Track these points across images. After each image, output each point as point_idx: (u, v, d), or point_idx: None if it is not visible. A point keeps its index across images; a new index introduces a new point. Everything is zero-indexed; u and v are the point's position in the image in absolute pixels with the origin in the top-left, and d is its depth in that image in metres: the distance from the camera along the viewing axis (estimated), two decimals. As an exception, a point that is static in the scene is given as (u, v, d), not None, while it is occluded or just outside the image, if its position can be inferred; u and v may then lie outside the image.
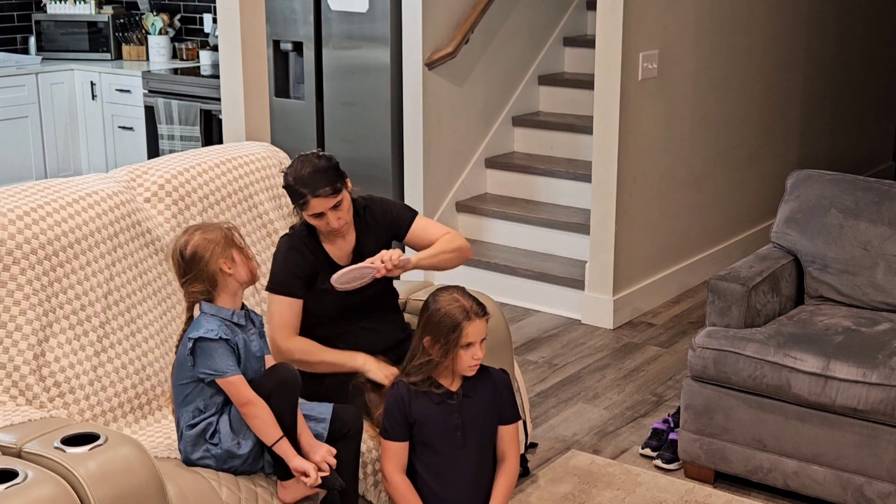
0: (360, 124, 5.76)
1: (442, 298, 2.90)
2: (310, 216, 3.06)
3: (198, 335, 2.67)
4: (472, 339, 2.87)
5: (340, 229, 3.09)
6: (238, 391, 2.67)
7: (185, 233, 2.78)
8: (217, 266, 2.71)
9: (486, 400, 2.97)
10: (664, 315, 5.24)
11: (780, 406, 3.41)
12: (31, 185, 3.04)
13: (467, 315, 2.86)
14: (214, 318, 2.71)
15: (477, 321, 2.87)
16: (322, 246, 3.16)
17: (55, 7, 7.30)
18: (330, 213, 3.05)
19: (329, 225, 3.06)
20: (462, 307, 2.87)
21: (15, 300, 2.78)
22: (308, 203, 3.02)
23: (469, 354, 2.88)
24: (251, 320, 2.82)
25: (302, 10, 5.82)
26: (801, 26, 6.24)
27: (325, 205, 3.03)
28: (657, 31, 5.01)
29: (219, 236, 2.74)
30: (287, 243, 3.16)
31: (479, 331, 2.88)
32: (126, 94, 6.83)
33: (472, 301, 2.90)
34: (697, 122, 5.44)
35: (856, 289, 3.77)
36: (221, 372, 2.65)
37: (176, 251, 2.75)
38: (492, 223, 5.66)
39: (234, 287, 2.75)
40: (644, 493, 3.56)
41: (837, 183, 3.92)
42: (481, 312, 2.89)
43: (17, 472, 2.27)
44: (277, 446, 2.68)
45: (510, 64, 5.95)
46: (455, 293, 2.92)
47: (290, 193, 3.07)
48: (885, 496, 3.28)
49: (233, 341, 2.70)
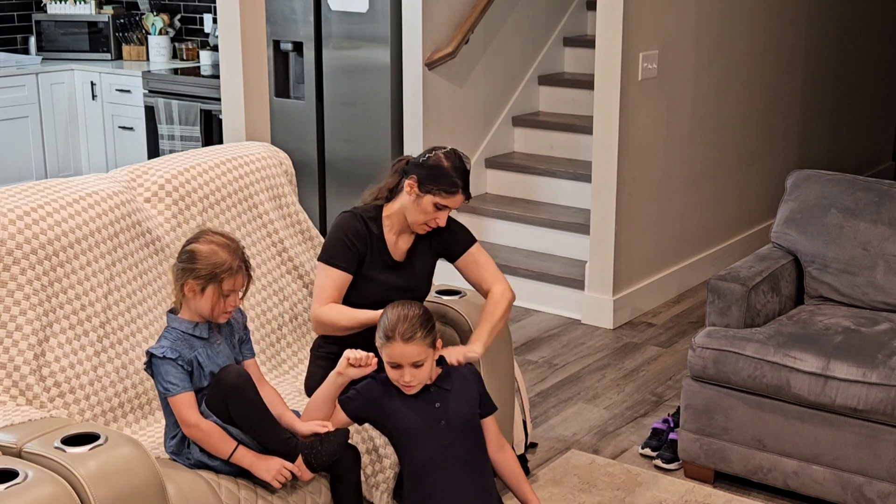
0: (360, 124, 5.76)
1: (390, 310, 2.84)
2: (436, 203, 3.08)
3: (149, 350, 2.67)
4: (395, 359, 2.80)
5: (431, 228, 3.15)
6: (180, 412, 2.65)
7: (208, 232, 2.76)
8: (185, 281, 2.68)
9: (463, 391, 2.95)
10: (664, 315, 5.24)
11: (780, 406, 3.42)
12: (31, 185, 3.04)
13: (391, 334, 2.79)
14: (174, 331, 2.70)
15: (399, 343, 2.78)
16: (383, 232, 3.17)
17: (55, 7, 7.30)
18: (447, 212, 3.12)
19: (436, 221, 3.12)
20: (391, 323, 2.80)
21: (15, 300, 2.78)
22: (455, 195, 3.08)
23: (397, 374, 2.83)
24: (230, 326, 2.79)
25: (302, 10, 5.82)
26: (801, 26, 6.25)
27: (457, 203, 3.11)
28: (657, 31, 5.01)
29: (212, 262, 2.67)
30: (351, 218, 3.17)
31: (402, 353, 2.79)
32: (126, 94, 6.83)
33: (405, 323, 2.79)
34: (697, 122, 5.44)
35: (856, 289, 3.77)
36: (166, 389, 2.65)
37: (188, 240, 2.76)
38: (492, 223, 5.66)
39: (193, 308, 2.72)
40: (644, 493, 3.56)
41: (837, 183, 3.92)
42: (408, 335, 2.78)
43: (17, 472, 2.27)
44: (235, 458, 2.66)
45: (510, 64, 5.96)
46: (405, 308, 2.84)
47: (439, 175, 3.07)
48: (885, 496, 3.28)
49: (186, 357, 2.66)
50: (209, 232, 2.77)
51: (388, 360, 2.83)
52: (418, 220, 3.13)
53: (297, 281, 3.56)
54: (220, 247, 2.70)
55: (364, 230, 3.15)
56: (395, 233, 3.19)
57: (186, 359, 2.67)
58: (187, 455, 2.71)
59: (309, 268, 3.58)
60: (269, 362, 3.40)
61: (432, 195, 3.08)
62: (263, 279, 3.46)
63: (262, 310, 3.42)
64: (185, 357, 2.67)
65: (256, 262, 3.45)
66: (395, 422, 2.90)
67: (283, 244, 3.55)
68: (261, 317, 3.41)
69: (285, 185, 3.64)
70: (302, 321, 3.54)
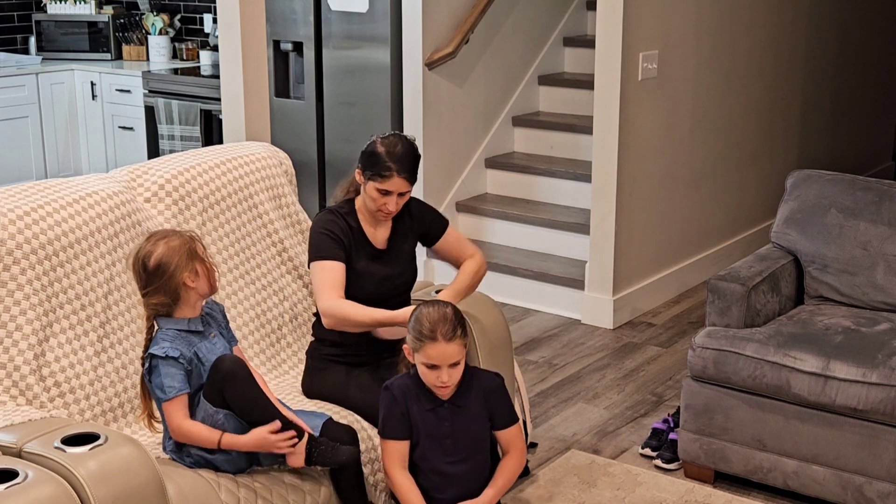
0: (360, 124, 5.76)
1: (425, 310, 2.86)
2: (378, 189, 3.10)
3: (150, 352, 2.68)
4: (435, 360, 2.81)
5: (390, 214, 3.15)
6: (170, 415, 2.67)
7: (147, 241, 2.74)
8: (181, 279, 2.69)
9: (476, 409, 2.94)
10: (664, 315, 5.24)
11: (780, 406, 3.42)
12: (31, 185, 3.04)
13: (432, 335, 2.80)
14: (170, 331, 2.71)
15: (442, 343, 2.79)
16: (361, 225, 3.20)
17: (55, 7, 7.30)
18: (396, 196, 3.11)
19: (387, 206, 3.12)
20: (431, 323, 2.81)
21: (15, 300, 2.78)
22: (390, 178, 3.08)
23: (433, 375, 2.83)
24: (212, 318, 2.81)
25: (302, 10, 5.82)
26: (801, 26, 6.25)
27: (401, 187, 3.10)
28: (657, 31, 5.01)
29: (182, 248, 2.70)
30: (327, 215, 3.20)
31: (443, 354, 2.80)
32: (126, 94, 6.83)
33: (446, 323, 2.81)
34: (697, 122, 5.44)
35: (855, 289, 3.77)
36: (164, 393, 2.66)
37: (138, 261, 2.71)
38: (492, 223, 5.66)
39: (194, 299, 2.74)
40: (644, 493, 3.56)
41: (837, 183, 3.92)
42: (450, 335, 2.80)
43: (17, 472, 2.27)
44: (223, 443, 2.68)
45: (510, 64, 5.95)
46: (441, 308, 2.85)
47: (373, 161, 3.10)
48: (885, 496, 3.28)
49: (186, 355, 2.68)
50: (142, 245, 2.74)
51: (427, 362, 2.82)
52: (371, 208, 3.16)
53: (297, 281, 3.56)
54: (159, 240, 2.71)
55: (343, 224, 3.18)
56: (371, 224, 3.22)
57: (187, 357, 2.68)
58: (188, 453, 2.71)
59: (309, 268, 3.58)
60: (269, 362, 3.40)
61: (372, 181, 3.11)
62: (263, 279, 3.46)
63: (262, 310, 3.42)
64: (185, 355, 2.68)
65: (256, 262, 3.45)
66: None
67: (283, 244, 3.55)
68: (261, 317, 3.41)
69: (285, 185, 3.65)
70: (302, 321, 3.54)
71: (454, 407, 2.91)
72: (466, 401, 2.92)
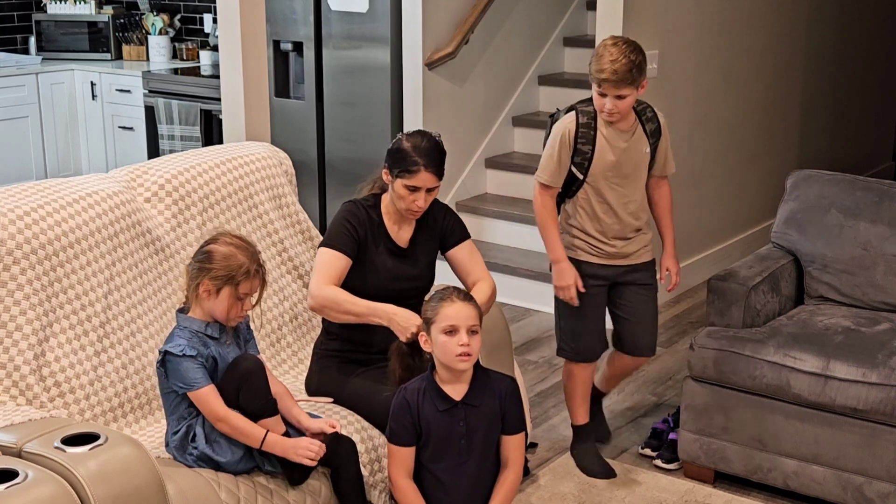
0: (360, 124, 5.76)
1: (435, 291, 2.93)
2: (406, 185, 3.09)
3: (165, 349, 2.67)
4: (454, 321, 2.80)
5: (418, 212, 3.14)
6: (207, 405, 2.65)
7: (231, 235, 2.75)
8: (200, 282, 2.68)
9: (490, 409, 2.94)
10: (664, 315, 5.24)
11: (779, 406, 3.42)
12: (31, 185, 3.04)
13: (448, 297, 2.83)
14: (186, 330, 2.70)
15: (458, 303, 2.82)
16: (383, 219, 3.19)
17: (55, 7, 7.30)
18: (424, 192, 3.10)
19: (415, 203, 3.10)
20: (444, 290, 2.87)
21: (15, 300, 2.78)
22: (417, 173, 3.07)
23: (454, 341, 2.81)
24: (236, 333, 2.79)
25: (302, 10, 5.82)
26: (801, 26, 6.24)
27: (428, 182, 3.09)
28: (657, 31, 5.01)
29: (230, 262, 2.67)
30: (351, 205, 3.19)
31: (461, 314, 2.81)
32: (126, 94, 6.83)
33: (458, 291, 2.88)
34: (697, 122, 5.44)
35: (855, 289, 3.77)
36: (189, 385, 2.65)
37: (207, 239, 2.75)
38: (492, 223, 5.66)
39: (206, 310, 2.72)
40: (644, 493, 3.56)
41: (837, 183, 3.92)
42: (464, 297, 2.85)
43: (17, 472, 2.27)
44: (266, 445, 2.67)
45: (510, 64, 5.95)
46: (445, 286, 2.94)
47: (400, 158, 3.09)
48: (885, 496, 3.28)
49: (202, 355, 2.67)
50: (227, 234, 2.78)
51: (446, 324, 2.81)
52: (401, 207, 3.15)
53: (297, 281, 3.56)
54: (238, 249, 2.71)
55: (364, 216, 3.17)
56: (395, 222, 3.21)
57: (205, 355, 2.68)
58: (191, 450, 2.70)
59: (309, 268, 3.58)
60: (269, 362, 3.39)
61: (400, 178, 3.10)
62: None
63: (262, 310, 3.41)
64: (203, 354, 2.68)
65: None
66: (420, 435, 2.92)
67: (283, 244, 3.55)
68: (261, 317, 3.40)
69: (285, 185, 3.65)
70: (302, 321, 3.54)
71: (468, 407, 2.90)
72: (481, 400, 2.92)
